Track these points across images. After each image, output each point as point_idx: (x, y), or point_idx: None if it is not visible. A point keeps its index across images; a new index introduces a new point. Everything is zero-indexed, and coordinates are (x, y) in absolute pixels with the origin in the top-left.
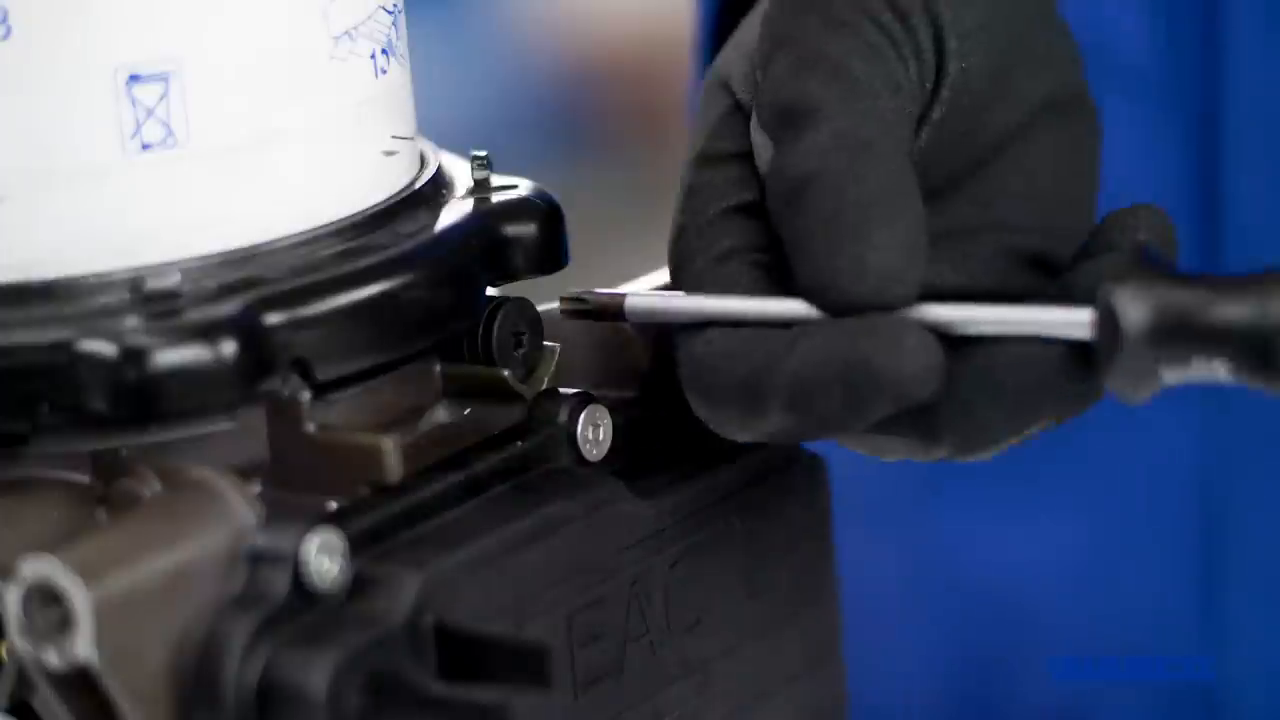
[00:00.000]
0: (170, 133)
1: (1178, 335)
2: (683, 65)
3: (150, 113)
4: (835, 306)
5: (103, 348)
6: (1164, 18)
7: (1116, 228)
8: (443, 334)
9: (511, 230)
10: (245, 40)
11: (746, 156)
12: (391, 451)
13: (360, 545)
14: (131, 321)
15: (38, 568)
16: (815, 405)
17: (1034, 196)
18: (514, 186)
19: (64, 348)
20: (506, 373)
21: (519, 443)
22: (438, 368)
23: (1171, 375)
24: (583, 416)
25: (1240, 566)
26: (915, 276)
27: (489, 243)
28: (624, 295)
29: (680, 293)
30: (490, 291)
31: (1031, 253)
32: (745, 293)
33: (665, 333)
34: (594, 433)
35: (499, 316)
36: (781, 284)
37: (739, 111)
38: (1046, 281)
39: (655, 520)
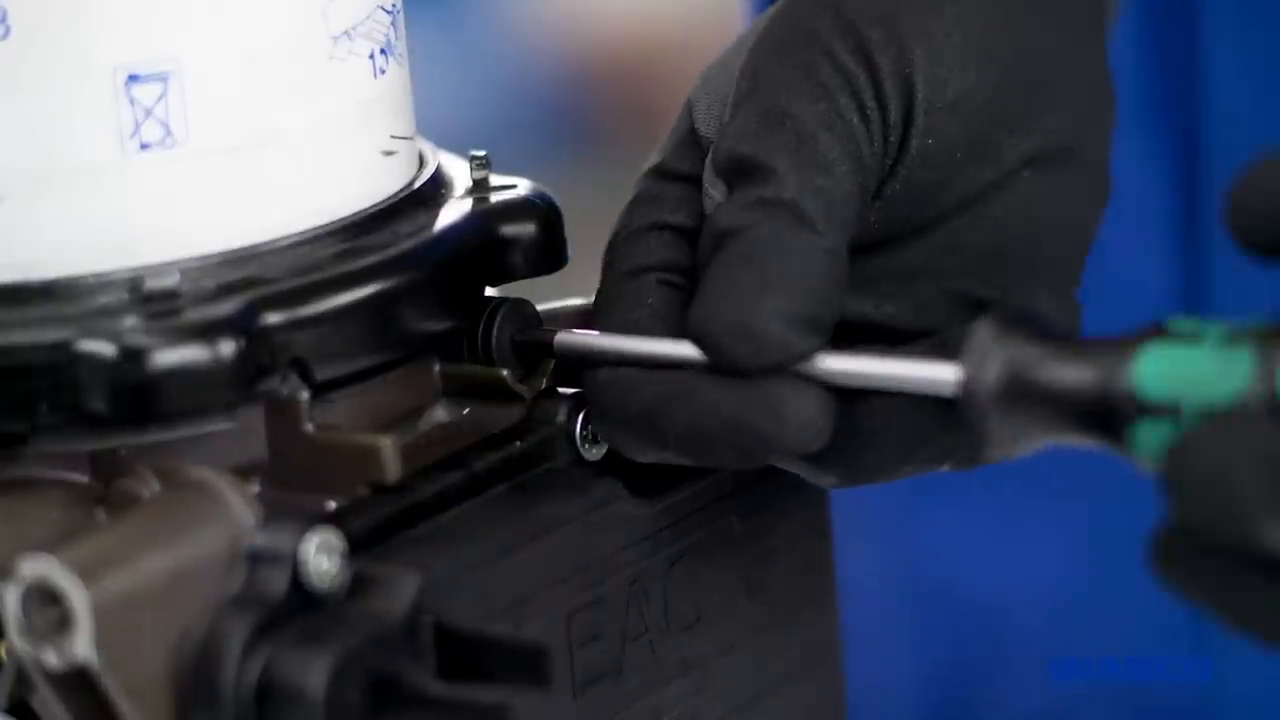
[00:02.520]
0: (169, 132)
1: (1029, 398)
2: (682, 65)
3: (149, 112)
4: (714, 357)
5: (102, 348)
6: (1146, 46)
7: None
8: (441, 334)
9: (510, 230)
10: (244, 40)
11: (695, 180)
12: (390, 451)
13: (359, 545)
14: (130, 321)
15: (37, 567)
16: (708, 453)
17: (996, 252)
18: (513, 186)
19: (63, 348)
20: (505, 372)
21: (518, 443)
22: (437, 367)
23: (1045, 436)
24: (581, 416)
25: None
26: (804, 347)
27: (488, 242)
28: (554, 332)
29: (607, 334)
30: (490, 291)
31: (980, 300)
32: (649, 308)
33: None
34: (592, 432)
35: (498, 316)
36: (686, 309)
37: (693, 136)
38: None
39: (654, 520)
